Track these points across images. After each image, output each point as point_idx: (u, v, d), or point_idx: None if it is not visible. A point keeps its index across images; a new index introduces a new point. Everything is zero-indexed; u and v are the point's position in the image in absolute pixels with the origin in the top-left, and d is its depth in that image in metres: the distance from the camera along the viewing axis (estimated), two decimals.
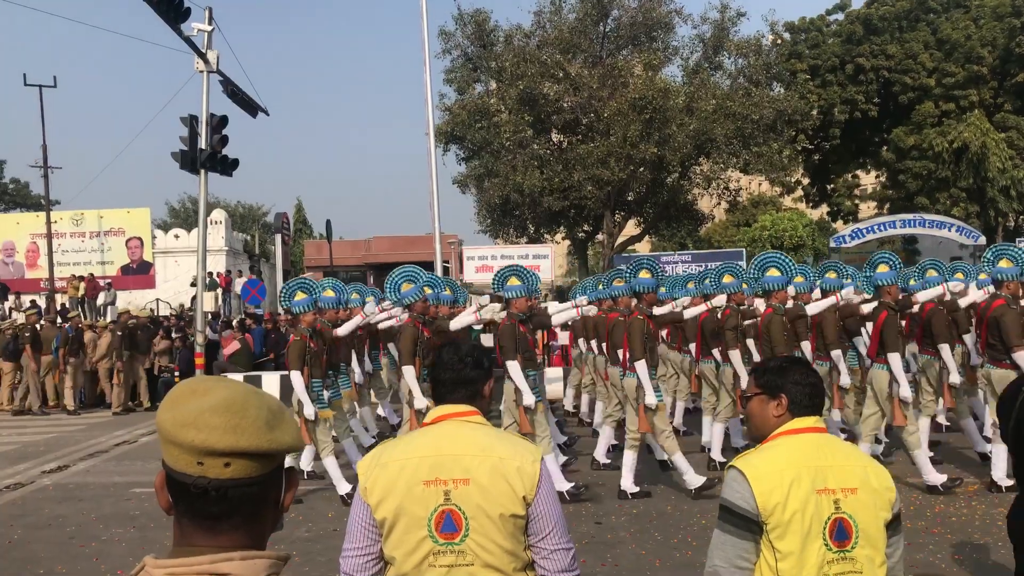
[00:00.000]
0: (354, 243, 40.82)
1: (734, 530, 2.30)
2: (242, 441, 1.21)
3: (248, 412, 1.24)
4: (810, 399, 2.44)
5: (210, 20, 16.35)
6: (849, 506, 2.27)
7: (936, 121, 31.12)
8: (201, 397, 1.24)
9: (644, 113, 25.48)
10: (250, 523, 1.27)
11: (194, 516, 1.26)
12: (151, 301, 29.45)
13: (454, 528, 2.23)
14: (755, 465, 2.33)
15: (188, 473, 1.23)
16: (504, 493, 2.23)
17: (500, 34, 29.31)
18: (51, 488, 9.53)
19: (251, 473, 1.24)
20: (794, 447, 2.36)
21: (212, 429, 1.20)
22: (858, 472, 2.31)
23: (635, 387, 7.79)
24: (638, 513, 7.46)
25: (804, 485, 2.26)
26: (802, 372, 2.47)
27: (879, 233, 25.70)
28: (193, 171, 16.02)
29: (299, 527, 7.28)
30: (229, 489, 1.23)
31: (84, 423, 15.18)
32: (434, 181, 17.64)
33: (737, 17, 28.60)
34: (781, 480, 2.27)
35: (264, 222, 55.66)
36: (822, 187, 37.04)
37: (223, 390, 1.26)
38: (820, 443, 2.37)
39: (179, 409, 1.24)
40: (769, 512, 2.26)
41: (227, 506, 1.24)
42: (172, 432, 1.22)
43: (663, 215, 30.85)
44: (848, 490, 2.28)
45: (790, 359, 2.60)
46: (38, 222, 31.96)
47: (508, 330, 7.69)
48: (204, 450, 1.21)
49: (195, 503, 1.24)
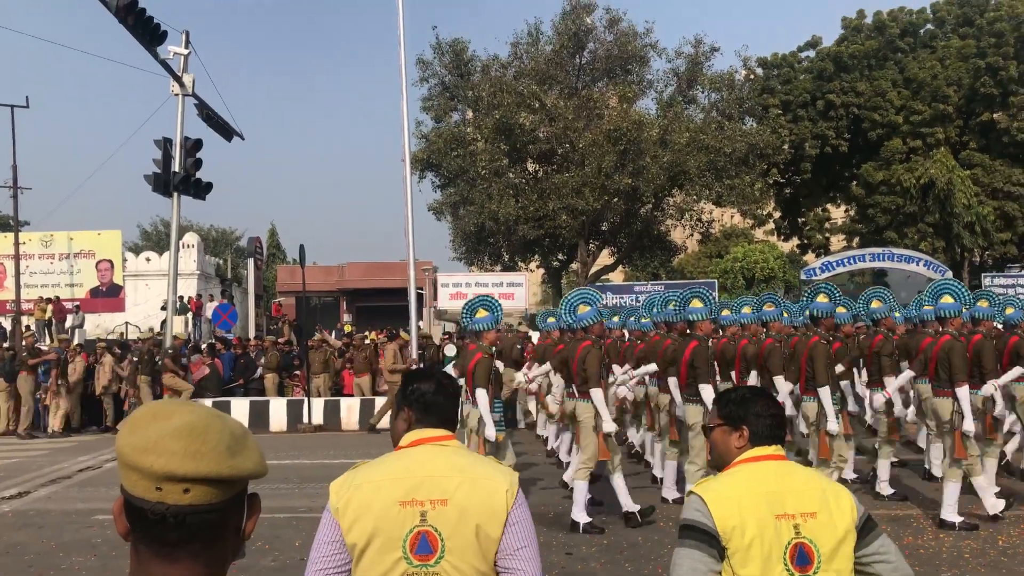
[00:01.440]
0: (327, 268, 40.64)
1: (694, 543, 2.30)
2: (202, 467, 1.19)
3: (209, 437, 1.21)
4: (771, 430, 2.46)
5: (187, 44, 16.36)
6: (809, 530, 2.27)
7: (904, 157, 31.75)
8: (162, 421, 1.22)
9: (619, 144, 25.76)
10: (209, 550, 1.24)
11: (151, 543, 1.23)
12: (120, 324, 29.08)
13: (429, 550, 2.21)
14: (714, 490, 2.35)
15: (146, 499, 1.20)
16: (482, 514, 2.22)
17: (477, 64, 29.59)
18: (10, 515, 9.30)
19: (211, 499, 1.21)
20: (752, 474, 2.38)
21: (172, 454, 1.18)
22: (816, 496, 2.32)
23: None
24: (608, 544, 7.43)
25: (761, 510, 2.28)
26: (764, 404, 2.49)
27: (849, 266, 26.05)
28: (166, 194, 15.95)
29: (265, 556, 7.17)
30: (188, 516, 1.20)
31: (48, 448, 14.88)
32: (409, 208, 17.64)
33: (711, 52, 29.13)
34: (739, 505, 2.29)
35: (237, 246, 55.31)
36: (793, 220, 37.56)
37: (185, 414, 1.24)
38: (779, 470, 2.40)
39: (139, 434, 1.21)
40: (728, 536, 2.26)
41: (185, 533, 1.21)
42: (131, 457, 1.20)
43: (636, 245, 31.11)
44: (807, 514, 2.29)
45: (753, 390, 2.61)
46: (6, 243, 31.51)
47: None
48: (163, 475, 1.18)
49: (152, 529, 1.22)
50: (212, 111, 17.25)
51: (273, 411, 17.03)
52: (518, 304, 27.61)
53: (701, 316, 8.28)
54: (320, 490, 8.35)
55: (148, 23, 14.63)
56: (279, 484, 10.37)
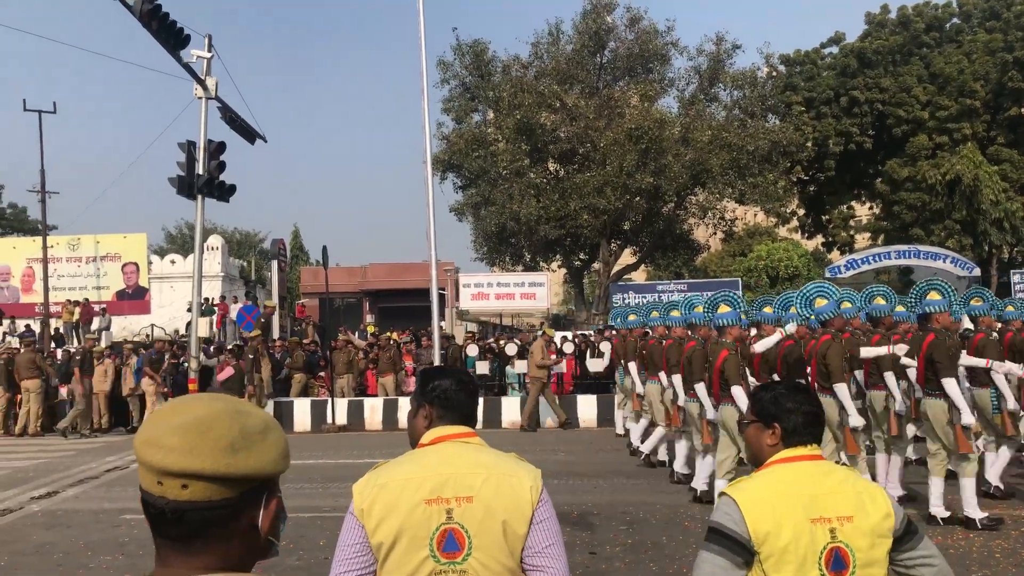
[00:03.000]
0: (350, 270, 40.79)
1: (719, 548, 2.26)
2: (195, 464, 1.17)
3: (211, 433, 1.20)
4: (805, 428, 2.40)
5: (209, 47, 16.46)
6: (845, 535, 2.23)
7: (930, 153, 31.37)
8: (176, 415, 1.22)
9: (640, 143, 25.66)
10: (221, 545, 1.23)
11: (158, 535, 1.23)
12: (146, 326, 29.36)
13: (456, 547, 2.21)
14: (747, 492, 2.30)
15: (151, 492, 1.20)
16: (508, 510, 2.22)
17: (498, 64, 29.60)
18: (40, 514, 9.42)
19: (211, 496, 1.19)
20: (787, 475, 2.33)
21: (169, 450, 1.17)
22: (853, 499, 2.27)
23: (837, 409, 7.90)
24: (633, 544, 7.39)
25: (797, 514, 2.23)
26: (797, 400, 2.43)
27: (874, 264, 25.79)
28: (190, 197, 16.04)
29: (290, 555, 7.20)
30: (187, 512, 1.19)
31: (75, 448, 15.06)
32: (431, 209, 17.66)
33: (733, 50, 28.94)
34: (773, 508, 2.24)
35: (261, 248, 55.68)
36: (817, 218, 37.23)
37: (200, 408, 1.23)
38: (815, 471, 2.34)
39: (149, 427, 1.22)
40: (761, 540, 2.22)
41: (185, 529, 1.20)
42: (137, 449, 1.21)
43: (659, 244, 30.96)
44: (844, 518, 2.24)
45: (788, 386, 2.54)
46: (34, 247, 31.94)
47: (733, 359, 7.93)
48: (161, 470, 1.18)
49: (156, 523, 1.22)
50: (235, 114, 17.34)
51: (297, 411, 17.14)
52: (540, 304, 27.58)
53: (730, 321, 8.19)
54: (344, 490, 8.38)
55: (171, 27, 14.74)
56: (303, 484, 10.42)
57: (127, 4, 13.85)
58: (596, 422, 16.59)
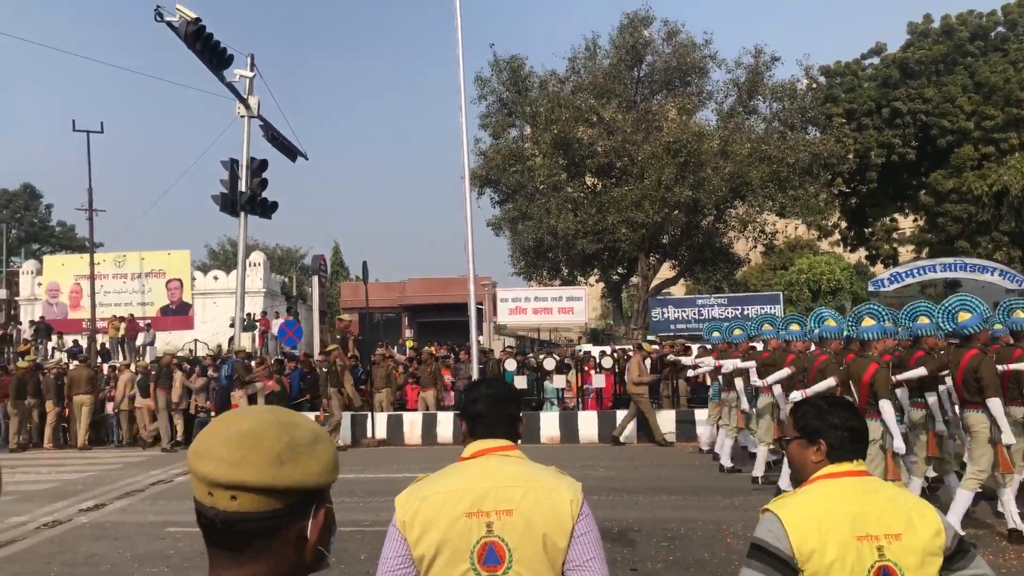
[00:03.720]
0: (389, 285, 41.06)
1: (761, 566, 2.23)
2: (242, 475, 1.19)
3: (260, 445, 1.21)
4: (850, 444, 2.36)
5: (252, 66, 16.78)
6: (894, 553, 2.17)
7: (976, 164, 30.78)
8: (226, 427, 1.24)
9: (678, 156, 25.55)
10: (271, 556, 1.24)
11: (210, 544, 1.25)
12: (189, 342, 29.81)
13: (497, 560, 2.21)
14: (791, 509, 2.26)
15: (203, 503, 1.23)
16: (548, 523, 2.21)
17: (535, 80, 29.72)
18: (88, 526, 9.59)
19: (259, 508, 1.21)
20: (832, 492, 2.28)
21: (218, 461, 1.19)
22: (902, 516, 2.22)
23: None
24: (675, 560, 7.31)
25: (843, 531, 2.19)
26: (842, 416, 2.38)
27: (919, 277, 25.31)
28: (233, 213, 16.33)
29: (332, 569, 7.22)
30: (237, 522, 1.20)
31: (121, 462, 15.32)
32: (469, 224, 17.75)
33: (771, 62, 28.73)
34: (818, 525, 2.20)
35: (302, 264, 56.34)
36: (859, 231, 36.69)
37: (249, 421, 1.25)
38: (861, 487, 2.29)
39: (202, 439, 1.24)
40: (805, 558, 2.18)
41: (236, 539, 1.22)
42: (189, 461, 1.23)
43: (698, 258, 30.73)
44: (892, 536, 2.18)
45: (832, 401, 2.50)
46: (82, 264, 32.63)
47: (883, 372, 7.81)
48: (210, 481, 1.20)
49: (208, 533, 1.24)
50: (277, 132, 17.65)
51: None
52: (578, 319, 27.50)
53: (876, 335, 8.04)
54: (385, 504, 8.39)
55: (215, 48, 15.07)
56: (344, 498, 10.48)
57: (172, 26, 14.18)
58: (635, 438, 16.46)
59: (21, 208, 59.02)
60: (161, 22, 14.17)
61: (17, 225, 57.70)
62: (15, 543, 8.73)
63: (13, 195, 58.88)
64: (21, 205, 59.05)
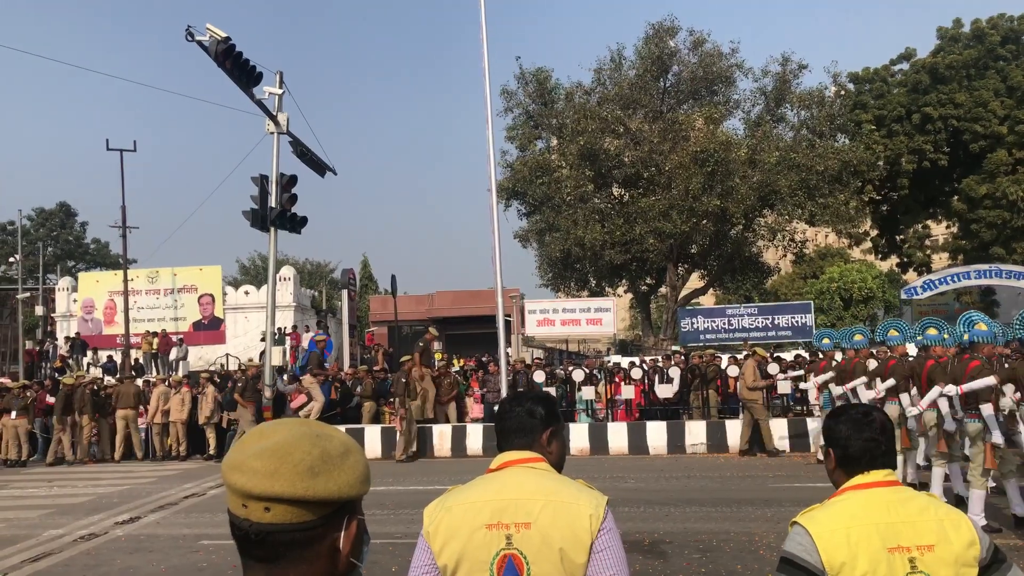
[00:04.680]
0: (418, 298, 41.29)
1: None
2: (276, 487, 1.20)
3: (291, 457, 1.22)
4: (863, 455, 2.32)
5: (281, 84, 16.97)
6: (926, 564, 2.13)
7: (1010, 169, 30.32)
8: (260, 440, 1.26)
9: (706, 166, 25.43)
10: (304, 567, 1.25)
11: (244, 556, 1.26)
12: (221, 356, 30.12)
13: (516, 573, 2.21)
14: (820, 521, 2.24)
15: (237, 515, 1.24)
16: (567, 538, 2.20)
17: (561, 92, 29.74)
18: (123, 539, 9.71)
19: (292, 519, 1.22)
20: (861, 502, 2.25)
21: (253, 473, 1.21)
22: (934, 527, 2.18)
23: None
24: (707, 572, 7.24)
25: (873, 543, 2.16)
26: (858, 427, 2.35)
27: (953, 284, 24.98)
28: (263, 229, 16.49)
29: None
30: (270, 534, 1.22)
31: (155, 475, 15.49)
32: (496, 236, 17.79)
33: (799, 69, 28.49)
34: (847, 537, 2.17)
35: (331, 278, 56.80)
36: (891, 238, 36.25)
37: (283, 433, 1.26)
38: (891, 498, 2.25)
39: (235, 451, 1.26)
40: (836, 571, 2.15)
41: (269, 550, 1.23)
42: (223, 473, 1.25)
43: (727, 267, 30.51)
44: (925, 547, 2.15)
45: (850, 409, 2.45)
46: (116, 280, 33.15)
47: None
48: (244, 493, 1.21)
49: (242, 544, 1.25)
50: (306, 148, 17.81)
51: (368, 438, 17.33)
52: (606, 329, 27.40)
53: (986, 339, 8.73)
54: (415, 516, 8.42)
55: (244, 66, 15.27)
56: (375, 510, 10.52)
57: (203, 45, 14.40)
58: (666, 449, 16.36)
59: (57, 226, 60.15)
60: (192, 42, 14.40)
61: (53, 243, 58.78)
62: (52, 555, 8.86)
63: (49, 214, 60.03)
64: (57, 223, 60.19)
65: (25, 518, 11.19)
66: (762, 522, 8.99)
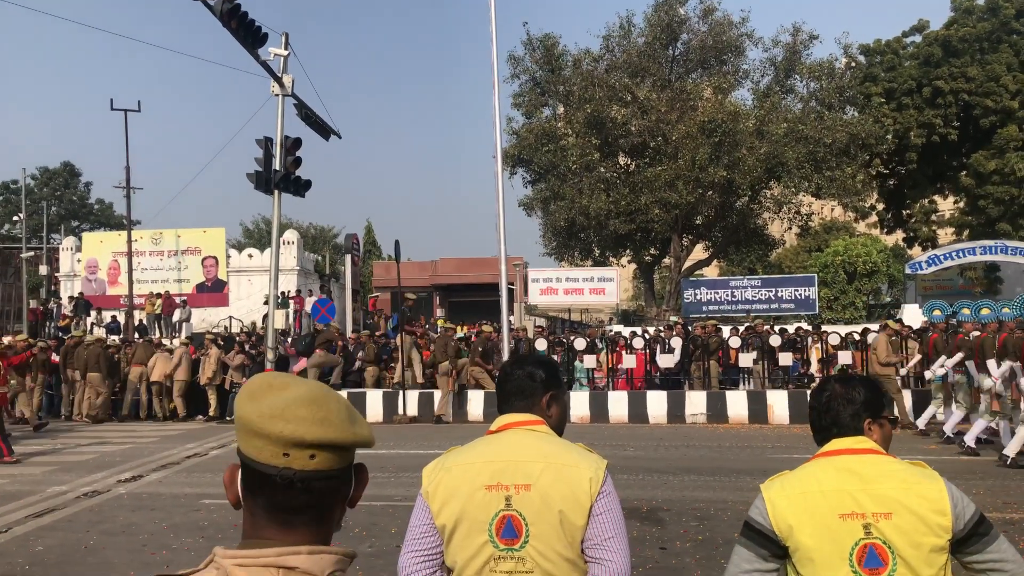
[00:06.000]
0: (421, 264, 41.30)
1: (746, 542, 2.28)
2: (330, 433, 1.22)
3: (331, 405, 1.25)
4: (817, 422, 2.37)
5: (286, 45, 16.83)
6: (883, 531, 2.12)
7: (1020, 145, 30.05)
8: (281, 391, 1.25)
9: (713, 136, 25.26)
10: (323, 518, 1.27)
11: (272, 509, 1.25)
12: (224, 318, 30.21)
13: (514, 534, 2.22)
14: (775, 487, 2.28)
15: (274, 464, 1.22)
16: (566, 500, 2.21)
17: (568, 58, 29.46)
18: (126, 497, 9.80)
19: (332, 465, 1.25)
20: (823, 468, 2.26)
21: (301, 421, 1.21)
22: (895, 496, 2.15)
23: None
24: (704, 540, 7.31)
25: (822, 509, 2.17)
26: (823, 397, 2.37)
27: (958, 260, 24.91)
28: (267, 192, 16.45)
29: (363, 542, 7.33)
30: (313, 481, 1.23)
31: (157, 435, 15.61)
32: (501, 204, 17.74)
33: (810, 40, 28.20)
34: (796, 503, 2.20)
35: (335, 243, 56.78)
36: (897, 213, 36.05)
37: (301, 385, 1.27)
38: (853, 464, 2.24)
39: (263, 402, 1.24)
40: (785, 535, 2.19)
41: (310, 498, 1.24)
42: (259, 424, 1.22)
43: (732, 239, 30.42)
44: (881, 515, 2.13)
45: (827, 379, 2.48)
46: (120, 241, 33.19)
47: None
48: (292, 441, 1.21)
49: (277, 495, 1.24)
50: (310, 110, 17.70)
51: (370, 402, 17.43)
52: (609, 299, 27.44)
53: None
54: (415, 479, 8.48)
55: (250, 26, 15.13)
56: (376, 473, 10.56)
57: (208, 4, 14.26)
58: (666, 418, 16.44)
59: (61, 186, 60.05)
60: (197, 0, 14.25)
61: (57, 203, 58.75)
62: (56, 511, 8.96)
63: (53, 173, 59.89)
64: (61, 183, 60.07)
65: (29, 474, 11.30)
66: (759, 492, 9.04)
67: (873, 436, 2.32)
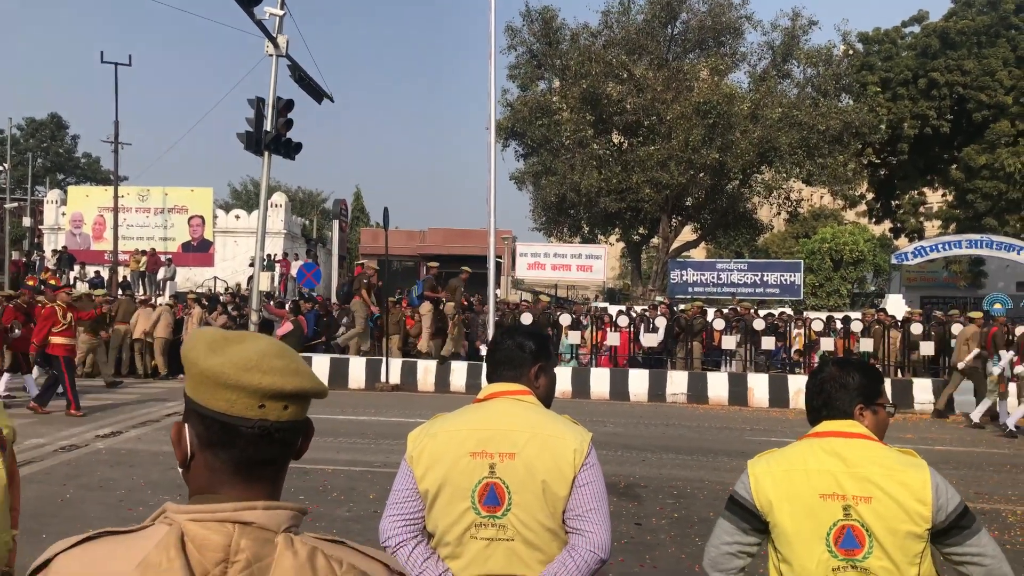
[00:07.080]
0: (409, 233, 41.18)
1: (730, 515, 2.34)
2: (304, 383, 1.23)
3: (296, 356, 1.26)
4: (809, 403, 2.41)
5: (282, 5, 16.62)
6: (861, 514, 2.15)
7: (1011, 141, 30.16)
8: (240, 343, 1.24)
9: (708, 118, 25.21)
10: (281, 470, 1.28)
11: (238, 463, 1.23)
12: (209, 279, 30.07)
13: (497, 501, 2.23)
14: (760, 464, 2.33)
15: (247, 417, 1.21)
16: (550, 470, 2.22)
17: (566, 32, 29.25)
18: (104, 452, 9.78)
19: (300, 416, 1.26)
20: (806, 449, 2.29)
21: (278, 372, 1.21)
22: (877, 481, 2.16)
23: None
24: (679, 518, 7.38)
25: (803, 488, 2.20)
26: (818, 378, 2.40)
27: (943, 252, 25.04)
28: (257, 152, 16.31)
29: (340, 507, 7.36)
30: (286, 431, 1.24)
31: (138, 392, 15.57)
32: (492, 175, 17.67)
33: (809, 26, 28.13)
34: (777, 481, 2.25)
35: (323, 208, 56.48)
36: (886, 203, 36.21)
37: (258, 338, 1.27)
38: (839, 446, 2.25)
39: (230, 354, 1.21)
40: (766, 511, 2.25)
41: (282, 448, 1.25)
42: (235, 376, 1.20)
43: (721, 222, 30.49)
44: (861, 498, 2.16)
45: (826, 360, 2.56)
46: (106, 196, 32.89)
47: None
48: (270, 392, 1.20)
49: (249, 448, 1.22)
50: (304, 72, 17.50)
51: (352, 369, 17.42)
52: (596, 277, 27.49)
53: None
54: (395, 446, 8.51)
55: None
56: (356, 439, 10.61)
57: None
58: (647, 397, 16.53)
59: (47, 138, 59.29)
60: None
61: (43, 154, 58.02)
62: (33, 463, 8.93)
63: (40, 124, 59.09)
64: (47, 135, 59.31)
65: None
66: (736, 473, 9.06)
67: (865, 422, 2.32)
